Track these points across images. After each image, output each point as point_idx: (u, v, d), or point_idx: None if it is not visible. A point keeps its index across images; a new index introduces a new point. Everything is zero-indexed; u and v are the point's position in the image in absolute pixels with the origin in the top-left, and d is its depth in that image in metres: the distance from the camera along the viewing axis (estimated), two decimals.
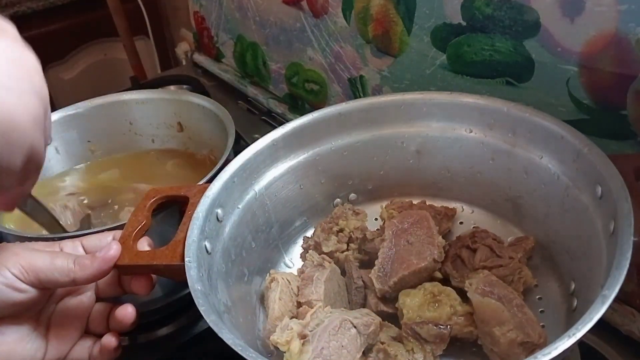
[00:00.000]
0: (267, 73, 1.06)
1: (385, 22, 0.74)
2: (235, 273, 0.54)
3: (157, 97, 0.84)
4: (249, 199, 0.58)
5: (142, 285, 0.49)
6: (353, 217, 0.62)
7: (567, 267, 0.52)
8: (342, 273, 0.58)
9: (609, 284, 0.37)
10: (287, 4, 0.91)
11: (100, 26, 1.53)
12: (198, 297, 0.43)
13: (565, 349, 0.34)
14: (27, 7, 1.45)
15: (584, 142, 0.49)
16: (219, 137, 0.75)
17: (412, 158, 0.64)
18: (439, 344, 0.48)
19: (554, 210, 0.54)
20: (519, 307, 0.47)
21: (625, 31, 0.50)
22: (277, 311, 0.51)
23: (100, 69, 1.64)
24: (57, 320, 0.49)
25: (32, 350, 0.47)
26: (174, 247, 0.49)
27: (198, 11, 1.20)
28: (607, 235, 0.44)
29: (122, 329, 0.49)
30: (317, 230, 0.61)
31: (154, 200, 0.55)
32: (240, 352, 0.38)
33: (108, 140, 0.84)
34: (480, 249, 0.54)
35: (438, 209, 0.62)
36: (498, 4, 0.59)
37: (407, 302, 0.50)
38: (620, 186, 0.44)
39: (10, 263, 0.44)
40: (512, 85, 0.62)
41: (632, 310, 0.56)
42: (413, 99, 0.62)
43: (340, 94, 0.89)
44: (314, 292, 0.53)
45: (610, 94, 0.54)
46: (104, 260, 0.47)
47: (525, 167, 0.57)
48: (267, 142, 0.60)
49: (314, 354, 0.44)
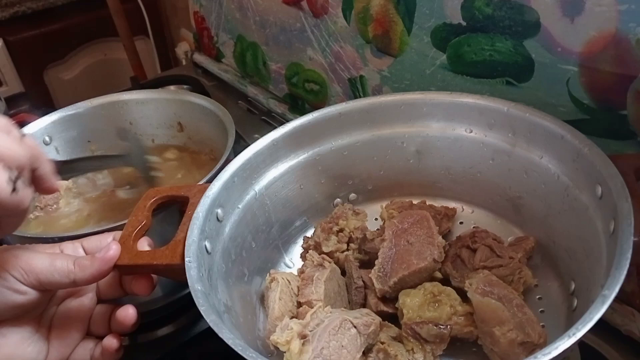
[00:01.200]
0: (267, 73, 1.06)
1: (385, 22, 0.74)
2: (235, 273, 0.54)
3: (157, 97, 0.84)
4: (249, 199, 0.58)
5: (142, 286, 0.49)
6: (353, 217, 0.62)
7: (567, 267, 0.52)
8: (342, 273, 0.58)
9: (609, 284, 0.37)
10: (287, 4, 0.91)
11: (100, 26, 1.53)
12: (198, 297, 0.43)
13: (565, 349, 0.34)
14: (27, 7, 1.45)
15: (584, 142, 0.49)
16: (219, 137, 0.75)
17: (412, 158, 0.64)
18: (439, 344, 0.48)
19: (554, 210, 0.54)
20: (519, 307, 0.47)
21: (625, 31, 0.50)
22: (277, 311, 0.51)
23: (100, 69, 1.64)
24: (58, 322, 0.49)
25: (33, 352, 0.47)
26: (174, 247, 0.49)
27: (198, 11, 1.20)
28: (607, 235, 0.44)
29: (124, 330, 0.49)
30: (317, 230, 0.61)
31: (154, 200, 0.55)
32: (240, 352, 0.38)
33: (108, 140, 0.84)
34: (480, 249, 0.54)
35: (438, 209, 0.62)
36: (498, 4, 0.59)
37: (407, 302, 0.50)
38: (620, 186, 0.44)
39: (10, 265, 0.44)
40: (512, 85, 0.62)
41: (632, 310, 0.56)
42: (413, 99, 0.62)
43: (340, 94, 0.89)
44: (314, 292, 0.53)
45: (610, 94, 0.54)
46: (103, 260, 0.47)
47: (525, 167, 0.57)
48: (267, 142, 0.60)
49: (314, 354, 0.44)
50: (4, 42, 1.45)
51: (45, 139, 0.79)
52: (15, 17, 1.44)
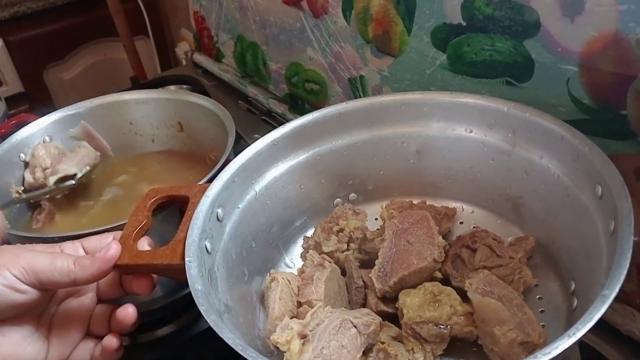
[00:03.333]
0: (267, 73, 1.06)
1: (385, 22, 0.74)
2: (235, 273, 0.54)
3: (157, 97, 0.84)
4: (249, 199, 0.58)
5: (143, 285, 0.49)
6: (353, 217, 0.62)
7: (567, 267, 0.52)
8: (342, 273, 0.58)
9: (609, 284, 0.37)
10: (287, 4, 0.91)
11: (100, 26, 1.53)
12: (198, 297, 0.43)
13: (565, 349, 0.34)
14: (27, 7, 1.45)
15: (584, 142, 0.49)
16: (219, 137, 0.75)
17: (412, 158, 0.64)
18: (439, 343, 0.48)
19: (554, 210, 0.54)
20: (519, 306, 0.47)
21: (625, 31, 0.50)
22: (277, 311, 0.51)
23: (100, 69, 1.64)
24: (58, 322, 0.49)
25: (33, 352, 0.47)
26: (174, 247, 0.49)
27: (198, 11, 1.20)
28: (607, 235, 0.44)
29: (124, 329, 0.49)
30: (317, 230, 0.61)
31: (154, 200, 0.55)
32: (240, 351, 0.38)
33: (108, 140, 0.84)
34: (480, 249, 0.54)
35: (438, 208, 0.62)
36: (498, 4, 0.59)
37: (407, 302, 0.50)
38: (620, 186, 0.44)
39: (10, 264, 0.44)
40: (512, 85, 0.62)
41: (632, 310, 0.56)
42: (413, 99, 0.62)
43: (340, 94, 0.89)
44: (314, 292, 0.53)
45: (610, 94, 0.54)
46: (103, 260, 0.47)
47: (526, 167, 0.57)
48: (268, 141, 0.60)
49: (314, 354, 0.44)
50: (4, 42, 1.45)
51: (45, 138, 0.79)
52: (15, 17, 1.44)
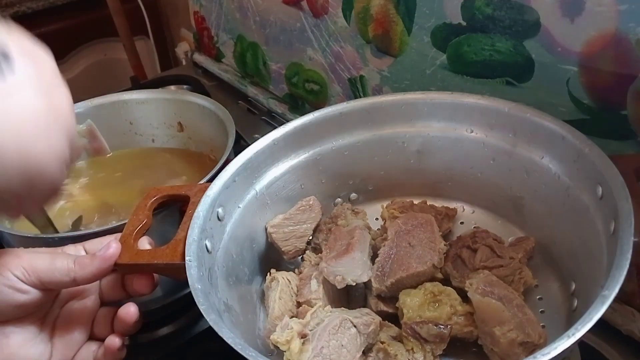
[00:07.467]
0: (267, 73, 1.06)
1: (385, 22, 0.74)
2: (235, 272, 0.54)
3: (157, 97, 0.84)
4: (249, 198, 0.58)
5: (144, 284, 0.49)
6: (352, 216, 0.62)
7: (568, 268, 0.52)
8: None
9: (609, 284, 0.37)
10: (287, 4, 0.91)
11: (100, 26, 1.53)
12: (198, 296, 0.43)
13: (565, 349, 0.34)
14: (27, 7, 1.45)
15: (585, 143, 0.49)
16: (219, 137, 0.75)
17: (413, 158, 0.64)
18: (439, 343, 0.48)
19: (555, 211, 0.54)
20: (519, 307, 0.47)
21: (625, 31, 0.50)
22: (277, 310, 0.51)
23: (100, 69, 1.64)
24: (61, 324, 0.49)
25: (36, 354, 0.47)
26: (174, 246, 0.49)
27: (198, 11, 1.20)
28: (607, 236, 0.44)
29: (126, 329, 0.49)
30: (316, 230, 0.61)
31: (154, 199, 0.55)
32: (240, 351, 0.38)
33: (108, 140, 0.84)
34: (480, 249, 0.54)
35: (439, 209, 0.62)
36: (498, 4, 0.59)
37: (407, 302, 0.50)
38: (620, 186, 0.44)
39: (11, 265, 0.44)
40: (512, 85, 0.62)
41: (632, 310, 0.56)
42: (414, 99, 0.62)
43: (340, 94, 0.89)
44: (312, 291, 0.53)
45: (610, 94, 0.54)
46: (103, 258, 0.47)
47: (526, 168, 0.57)
48: (268, 141, 0.60)
49: (313, 353, 0.44)
50: None
51: None
52: (15, 17, 1.44)
